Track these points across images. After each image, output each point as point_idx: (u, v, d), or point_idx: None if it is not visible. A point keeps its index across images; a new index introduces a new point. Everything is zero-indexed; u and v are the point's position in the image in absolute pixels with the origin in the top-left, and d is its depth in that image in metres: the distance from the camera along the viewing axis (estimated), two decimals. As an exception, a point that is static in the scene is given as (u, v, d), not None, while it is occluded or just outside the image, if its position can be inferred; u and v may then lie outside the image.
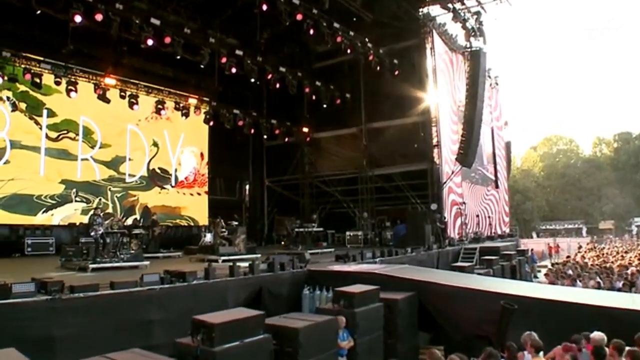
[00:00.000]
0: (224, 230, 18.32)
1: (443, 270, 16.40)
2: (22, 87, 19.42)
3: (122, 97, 20.86)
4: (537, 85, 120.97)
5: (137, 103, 21.32)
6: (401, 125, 26.09)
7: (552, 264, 23.48)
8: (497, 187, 35.13)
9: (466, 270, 15.05)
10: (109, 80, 20.48)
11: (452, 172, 24.97)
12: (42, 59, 19.14)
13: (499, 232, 33.27)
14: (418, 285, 10.95)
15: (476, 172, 30.11)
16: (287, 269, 12.33)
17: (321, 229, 23.16)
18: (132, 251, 15.27)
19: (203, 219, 25.92)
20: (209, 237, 19.83)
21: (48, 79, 19.24)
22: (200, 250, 17.77)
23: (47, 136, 20.46)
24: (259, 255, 16.46)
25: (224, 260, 15.26)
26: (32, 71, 18.44)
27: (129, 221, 22.14)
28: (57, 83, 19.22)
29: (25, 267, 13.80)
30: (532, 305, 9.26)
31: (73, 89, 19.19)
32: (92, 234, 14.03)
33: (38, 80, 18.58)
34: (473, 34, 23.62)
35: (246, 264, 11.83)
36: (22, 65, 18.50)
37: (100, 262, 13.14)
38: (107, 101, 20.15)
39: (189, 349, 6.37)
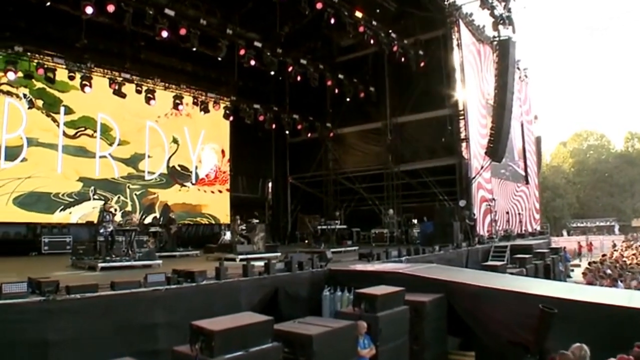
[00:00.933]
0: (242, 228, 17.72)
1: (473, 270, 15.51)
2: (39, 84, 19.20)
3: (138, 92, 20.36)
4: (566, 78, 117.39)
5: (153, 98, 20.80)
6: (427, 119, 25.25)
7: (590, 263, 22.28)
8: (527, 183, 33.91)
9: (498, 270, 14.11)
10: (125, 75, 19.98)
11: (482, 167, 23.94)
12: (55, 54, 18.82)
13: (530, 229, 32.08)
14: (447, 286, 10.09)
15: (506, 167, 29.02)
16: (306, 269, 11.52)
17: (345, 226, 22.42)
18: (146, 249, 14.70)
19: (225, 217, 25.51)
20: (228, 236, 19.38)
21: (62, 74, 18.87)
22: (219, 248, 17.20)
23: (64, 133, 20.26)
24: (279, 254, 15.89)
25: (241, 259, 14.72)
26: (46, 66, 18.02)
27: (149, 219, 21.98)
28: (71, 78, 18.81)
29: (36, 266, 13.43)
30: (576, 310, 8.34)
31: (87, 83, 18.76)
32: (101, 231, 13.54)
33: (51, 75, 18.20)
34: (501, 22, 22.56)
35: (261, 263, 11.06)
36: (35, 61, 18.16)
37: (110, 261, 12.59)
38: (123, 96, 19.69)
39: (187, 358, 5.63)
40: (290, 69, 21.67)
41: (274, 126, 24.94)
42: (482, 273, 13.24)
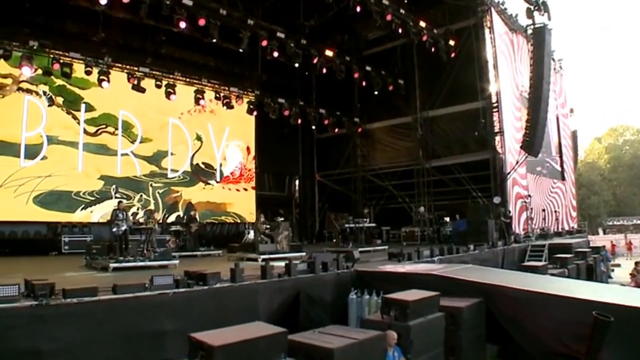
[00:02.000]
0: (266, 227, 16.97)
1: (513, 271, 14.42)
2: (59, 82, 18.97)
3: (158, 86, 19.83)
4: (600, 70, 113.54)
5: (174, 93, 20.24)
6: (459, 112, 24.25)
7: (637, 263, 20.90)
8: (563, 179, 32.51)
9: (539, 271, 13.05)
10: (144, 69, 19.39)
11: (517, 162, 22.78)
12: (72, 49, 18.31)
13: (567, 227, 30.72)
14: (486, 290, 9.10)
15: (542, 163, 27.81)
16: (331, 270, 10.62)
17: (374, 224, 21.62)
18: (166, 248, 14.09)
19: (250, 216, 24.94)
20: (252, 235, 18.74)
21: (80, 70, 18.43)
22: (241, 248, 16.48)
23: (85, 131, 20.02)
24: (303, 254, 15.13)
25: (263, 259, 13.99)
26: (62, 61, 17.50)
27: (172, 218, 21.56)
28: (88, 73, 18.37)
29: (49, 266, 13.12)
30: (635, 318, 7.29)
31: (105, 78, 18.30)
32: (114, 230, 13.07)
33: (68, 71, 17.75)
34: (536, 8, 21.33)
35: (283, 264, 10.24)
36: (51, 56, 17.66)
37: (123, 262, 11.98)
38: (142, 90, 19.20)
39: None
40: (315, 60, 20.78)
41: (299, 121, 24.25)
42: (523, 275, 12.17)
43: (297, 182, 29.15)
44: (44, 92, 18.72)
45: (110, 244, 13.49)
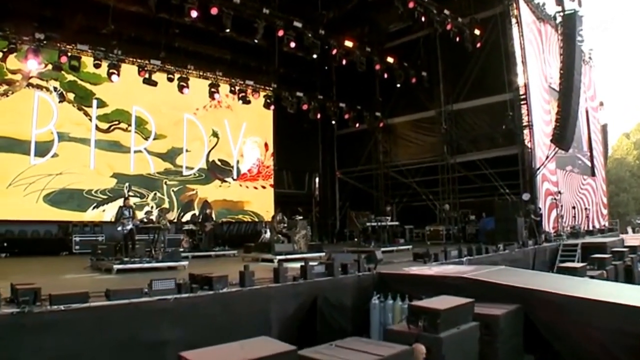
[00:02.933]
0: (283, 225, 16.22)
1: (550, 274, 13.48)
2: (70, 77, 18.58)
3: (170, 79, 19.20)
4: (627, 62, 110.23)
5: (187, 86, 19.58)
6: (485, 105, 23.20)
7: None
8: (593, 175, 31.19)
9: (578, 273, 12.04)
10: (155, 62, 18.77)
11: (547, 157, 21.68)
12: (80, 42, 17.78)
13: (597, 225, 29.44)
14: (523, 294, 8.15)
15: (571, 158, 26.57)
16: (351, 272, 9.78)
17: (397, 223, 20.81)
18: (174, 249, 13.40)
19: (268, 214, 24.01)
20: (268, 234, 17.93)
21: (90, 64, 17.95)
22: (257, 248, 15.68)
23: (97, 127, 19.56)
24: (322, 254, 14.42)
25: (279, 260, 13.23)
26: (69, 54, 16.90)
27: (187, 217, 21.04)
28: (97, 66, 17.82)
29: (53, 267, 12.54)
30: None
31: (115, 72, 17.73)
32: (119, 228, 12.39)
33: (76, 64, 17.16)
34: (566, -7, 20.27)
35: (298, 265, 9.42)
36: (58, 49, 17.12)
37: (128, 263, 11.29)
38: (154, 84, 18.68)
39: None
40: (334, 52, 19.90)
41: (319, 116, 23.51)
42: (561, 277, 11.11)
43: (316, 179, 28.38)
44: (55, 88, 18.29)
45: (117, 244, 12.82)
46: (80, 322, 6.04)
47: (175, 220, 20.41)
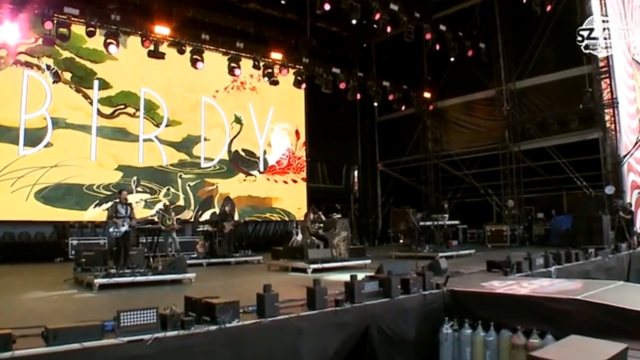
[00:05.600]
0: (318, 225, 13.28)
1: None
2: (66, 54, 16.80)
3: (182, 52, 16.57)
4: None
5: (201, 60, 17.15)
6: (556, 82, 19.87)
7: None
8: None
9: None
10: (161, 30, 16.14)
11: (636, 143, 18.20)
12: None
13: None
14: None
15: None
16: (414, 290, 7.01)
17: (457, 222, 17.93)
18: (179, 257, 10.58)
19: (300, 212, 21.32)
20: (300, 236, 15.28)
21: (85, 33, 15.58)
22: (287, 253, 12.79)
23: (99, 112, 17.50)
24: (368, 261, 11.79)
25: (314, 271, 10.59)
26: (55, 20, 14.34)
27: (206, 216, 18.73)
28: (90, 34, 15.34)
29: (25, 280, 10.50)
30: None
31: (113, 41, 15.29)
32: (111, 230, 9.60)
33: (65, 32, 14.68)
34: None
35: (342, 277, 6.42)
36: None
37: (115, 276, 8.56)
38: (161, 56, 16.19)
39: None
40: (377, 16, 16.75)
41: (358, 97, 20.80)
42: None
43: (355, 172, 26.42)
44: (48, 66, 16.23)
45: (110, 250, 10.00)
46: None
47: (192, 220, 18.02)
